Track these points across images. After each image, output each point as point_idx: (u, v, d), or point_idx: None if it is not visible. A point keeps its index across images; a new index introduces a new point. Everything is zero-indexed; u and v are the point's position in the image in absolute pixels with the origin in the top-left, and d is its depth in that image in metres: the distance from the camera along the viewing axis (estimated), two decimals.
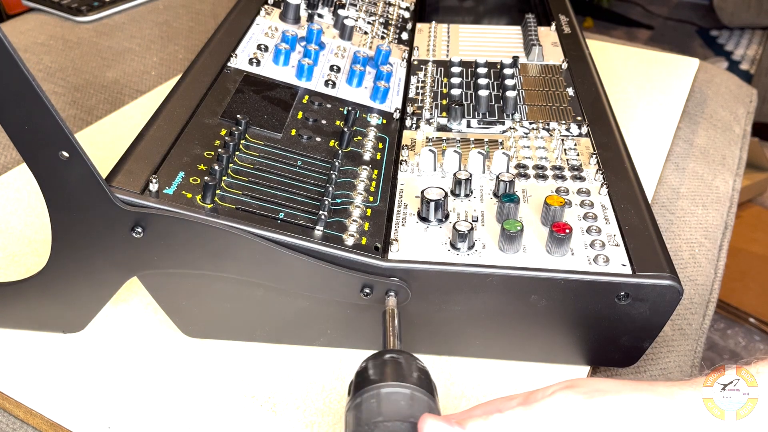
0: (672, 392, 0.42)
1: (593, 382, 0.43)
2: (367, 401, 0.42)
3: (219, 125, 0.61)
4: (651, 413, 0.41)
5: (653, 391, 0.42)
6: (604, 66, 0.90)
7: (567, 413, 0.41)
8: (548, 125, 0.69)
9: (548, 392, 0.43)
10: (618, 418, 0.41)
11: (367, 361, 0.45)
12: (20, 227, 0.70)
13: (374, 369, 0.44)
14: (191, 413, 0.54)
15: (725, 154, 0.95)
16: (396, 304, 0.51)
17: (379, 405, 0.42)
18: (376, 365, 0.44)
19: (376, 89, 0.72)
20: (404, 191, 0.60)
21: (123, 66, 1.03)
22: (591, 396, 0.42)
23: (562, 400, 0.42)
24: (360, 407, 0.42)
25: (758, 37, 2.47)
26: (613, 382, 0.44)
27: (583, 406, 0.41)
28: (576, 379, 0.44)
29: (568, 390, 0.42)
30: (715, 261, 0.79)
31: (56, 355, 0.58)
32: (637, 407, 0.42)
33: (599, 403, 0.41)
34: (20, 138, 0.47)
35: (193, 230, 0.51)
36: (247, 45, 0.73)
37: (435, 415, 0.41)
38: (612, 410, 0.41)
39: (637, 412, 0.41)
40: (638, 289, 0.52)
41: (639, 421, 0.41)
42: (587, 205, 0.58)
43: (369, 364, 0.44)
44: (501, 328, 0.56)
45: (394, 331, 0.49)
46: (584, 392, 0.42)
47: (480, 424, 0.41)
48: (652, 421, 0.41)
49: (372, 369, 0.44)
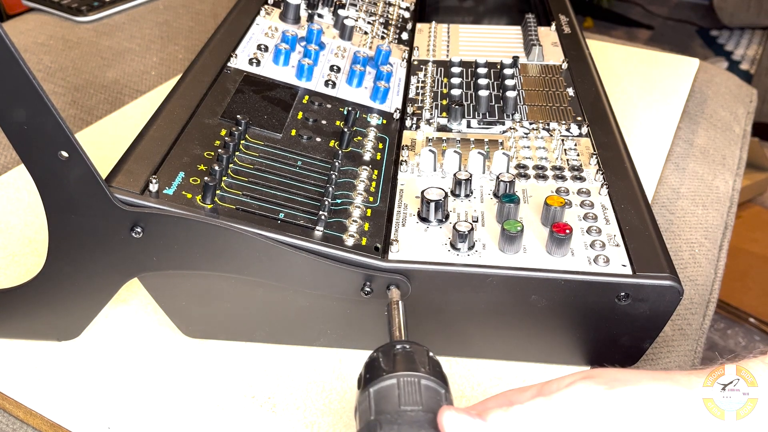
0: (690, 381, 0.43)
1: (611, 372, 0.44)
2: (386, 390, 0.41)
3: (219, 125, 0.61)
4: (671, 402, 0.42)
5: (672, 380, 0.43)
6: (604, 66, 0.90)
7: (588, 404, 0.41)
8: (548, 125, 0.69)
9: (565, 383, 0.43)
10: (639, 408, 0.41)
11: (377, 352, 0.44)
12: (20, 227, 0.70)
13: (389, 359, 0.43)
14: (191, 413, 0.54)
15: (725, 154, 0.95)
16: (399, 295, 0.51)
17: (398, 394, 0.41)
18: (391, 355, 0.43)
19: (376, 89, 0.72)
20: (404, 191, 0.60)
21: (123, 66, 1.03)
22: (611, 386, 0.42)
23: (583, 390, 0.42)
24: (378, 396, 0.41)
25: (758, 37, 2.47)
26: (630, 372, 0.44)
27: (603, 396, 0.42)
28: (593, 369, 0.45)
29: (588, 380, 0.42)
30: (715, 261, 0.79)
31: (56, 356, 0.58)
32: (658, 397, 0.42)
33: (620, 393, 0.42)
34: (19, 138, 0.47)
35: (194, 230, 0.51)
36: (247, 45, 0.73)
37: (455, 407, 0.41)
38: (633, 400, 0.42)
39: (658, 402, 0.42)
40: (638, 289, 0.52)
41: (659, 411, 0.41)
42: (587, 206, 0.58)
43: (381, 354, 0.44)
44: (501, 329, 0.56)
45: (400, 322, 0.48)
46: (604, 382, 0.42)
47: (501, 415, 0.41)
48: (672, 411, 0.41)
49: (386, 358, 0.43)
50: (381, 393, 0.41)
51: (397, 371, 0.42)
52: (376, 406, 0.41)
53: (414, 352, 0.44)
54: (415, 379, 0.42)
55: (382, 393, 0.41)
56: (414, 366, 0.42)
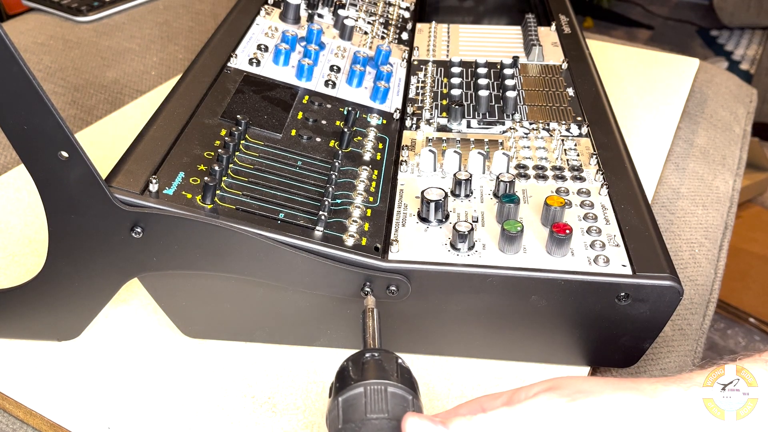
0: (655, 389, 0.42)
1: (575, 382, 0.43)
2: (353, 399, 0.42)
3: (219, 125, 0.61)
4: (633, 412, 0.41)
5: (636, 390, 0.42)
6: (604, 66, 0.90)
7: (549, 416, 0.41)
8: (548, 125, 0.69)
9: (531, 392, 0.43)
10: (600, 419, 0.41)
11: (348, 361, 0.45)
12: (20, 227, 0.70)
13: (358, 367, 0.44)
14: (191, 413, 0.54)
15: (725, 154, 0.95)
16: (375, 303, 0.51)
17: (365, 402, 0.41)
18: (360, 364, 0.44)
19: (376, 89, 0.72)
20: (404, 191, 0.60)
21: (123, 66, 1.03)
22: (573, 398, 0.42)
23: (544, 402, 0.42)
24: (346, 405, 0.42)
25: (758, 37, 2.47)
26: (595, 381, 0.43)
27: (565, 409, 0.41)
28: (559, 378, 0.44)
29: (550, 392, 0.42)
30: (715, 261, 0.79)
31: (56, 356, 0.58)
32: (619, 407, 0.41)
33: (581, 405, 0.41)
34: (19, 138, 0.47)
35: (194, 230, 0.51)
36: (247, 45, 0.73)
37: (418, 414, 0.41)
38: (594, 412, 0.41)
39: (619, 412, 0.41)
40: (638, 289, 0.52)
41: (621, 421, 0.41)
42: (587, 206, 0.58)
43: (351, 363, 0.44)
44: (501, 329, 0.56)
45: (373, 329, 0.48)
46: (567, 394, 0.42)
47: (463, 423, 0.41)
48: (635, 420, 0.41)
49: (355, 367, 0.44)
50: (348, 401, 0.42)
51: (365, 380, 0.42)
52: (344, 415, 0.41)
53: (383, 360, 0.44)
54: (381, 387, 0.42)
55: (349, 401, 0.42)
56: (382, 374, 0.43)
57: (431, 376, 0.58)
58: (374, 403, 0.41)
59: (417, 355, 0.59)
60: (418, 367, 0.58)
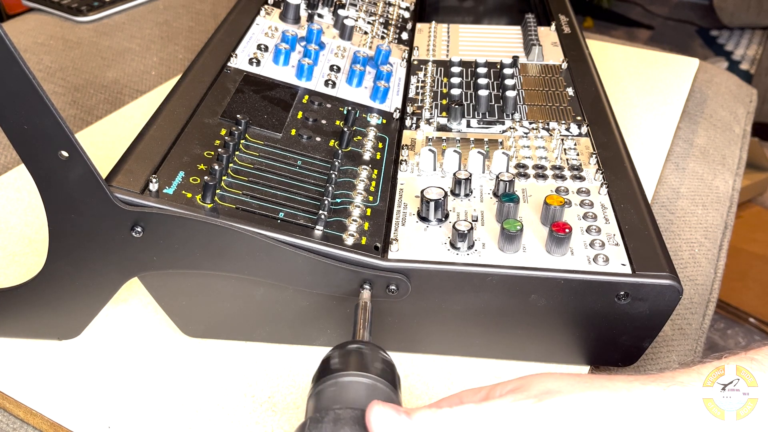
0: (631, 387, 0.41)
1: (544, 381, 0.42)
2: (327, 389, 0.42)
3: (219, 125, 0.61)
4: (603, 412, 0.40)
5: (608, 388, 0.41)
6: (604, 66, 0.90)
7: (515, 417, 0.40)
8: (548, 125, 0.69)
9: (504, 390, 0.42)
10: (568, 420, 0.40)
11: (332, 351, 0.45)
12: (20, 227, 0.70)
13: (338, 358, 0.44)
14: (191, 413, 0.54)
15: (725, 154, 0.95)
16: (369, 297, 0.51)
17: (337, 393, 0.41)
18: (341, 355, 0.44)
19: (376, 89, 0.72)
20: (404, 191, 0.60)
21: (123, 66, 1.03)
22: (540, 399, 0.40)
23: (511, 404, 0.40)
24: (320, 395, 0.42)
25: (758, 37, 2.47)
26: (566, 380, 0.42)
27: (531, 410, 0.40)
28: (528, 377, 0.43)
29: (517, 393, 0.41)
30: (715, 261, 0.79)
31: (56, 355, 0.58)
32: (589, 407, 0.40)
33: (548, 405, 0.40)
34: (19, 137, 0.47)
35: (194, 230, 0.51)
36: (247, 45, 0.73)
37: (383, 402, 0.40)
38: (562, 412, 0.40)
39: (588, 413, 0.40)
40: (638, 288, 0.52)
41: (590, 422, 0.40)
42: (587, 205, 0.58)
43: (334, 353, 0.44)
44: (501, 328, 0.56)
45: (365, 323, 0.49)
46: (534, 395, 0.41)
47: (428, 415, 0.40)
48: (604, 420, 0.40)
49: (336, 358, 0.44)
50: (322, 393, 0.42)
51: (345, 371, 0.42)
52: (316, 404, 0.42)
53: (364, 353, 0.44)
54: (358, 378, 0.42)
55: (323, 393, 0.42)
56: (361, 366, 0.43)
57: (431, 375, 0.58)
58: (346, 393, 0.41)
59: (417, 355, 0.59)
60: (418, 367, 0.58)
